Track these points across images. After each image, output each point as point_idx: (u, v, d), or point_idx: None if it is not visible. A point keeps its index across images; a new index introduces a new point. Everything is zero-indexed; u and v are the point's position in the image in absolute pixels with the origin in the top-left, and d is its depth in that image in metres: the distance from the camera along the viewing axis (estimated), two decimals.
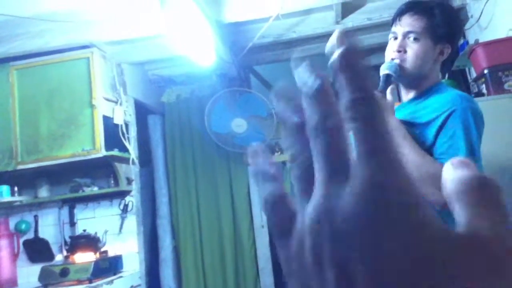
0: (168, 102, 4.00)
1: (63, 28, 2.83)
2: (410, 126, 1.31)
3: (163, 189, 3.90)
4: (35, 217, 3.20)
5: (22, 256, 3.16)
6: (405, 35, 1.40)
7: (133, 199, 3.20)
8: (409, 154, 1.23)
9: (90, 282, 2.67)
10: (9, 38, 2.88)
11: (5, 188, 2.98)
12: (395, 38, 1.43)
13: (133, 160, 3.16)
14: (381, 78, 1.39)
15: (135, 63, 3.50)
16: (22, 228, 3.17)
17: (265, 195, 0.27)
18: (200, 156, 3.88)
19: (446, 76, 2.73)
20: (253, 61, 3.88)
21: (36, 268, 2.91)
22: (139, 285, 3.04)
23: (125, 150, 3.11)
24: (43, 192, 3.15)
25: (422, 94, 1.41)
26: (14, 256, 3.09)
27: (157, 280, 3.73)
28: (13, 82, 3.04)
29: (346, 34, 0.28)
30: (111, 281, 2.75)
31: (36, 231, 3.19)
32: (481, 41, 2.54)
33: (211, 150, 3.83)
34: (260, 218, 3.90)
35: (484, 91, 2.56)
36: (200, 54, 2.89)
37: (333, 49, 1.00)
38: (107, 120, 2.98)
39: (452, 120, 1.28)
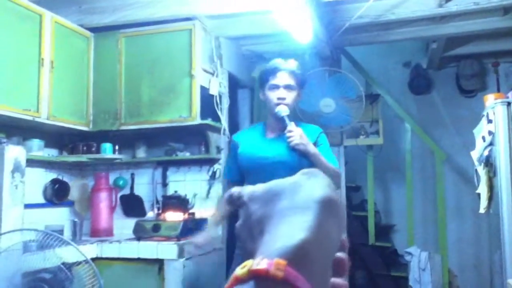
0: (258, 77, 4.09)
1: (170, 0, 2.99)
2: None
3: None
4: (132, 175, 3.47)
5: (118, 210, 3.45)
6: (285, 87, 2.20)
7: (220, 167, 3.35)
8: (325, 160, 2.13)
9: (178, 240, 2.86)
10: (122, 7, 3.10)
11: (109, 146, 3.26)
12: (277, 88, 2.19)
13: (224, 130, 3.30)
14: (285, 118, 2.14)
15: (231, 38, 3.62)
16: (120, 184, 3.45)
17: None
18: None
19: None
20: (347, 42, 3.84)
21: (129, 222, 3.18)
22: (221, 248, 3.21)
23: (217, 120, 3.26)
24: (140, 153, 3.40)
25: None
26: (112, 209, 3.38)
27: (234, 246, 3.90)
28: (121, 49, 3.27)
29: None
30: None
31: (132, 188, 3.45)
32: None
33: None
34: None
35: None
36: (298, 32, 2.92)
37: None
38: (203, 91, 3.13)
39: (322, 139, 2.25)
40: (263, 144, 2.22)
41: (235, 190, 0.44)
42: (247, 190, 0.42)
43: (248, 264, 0.32)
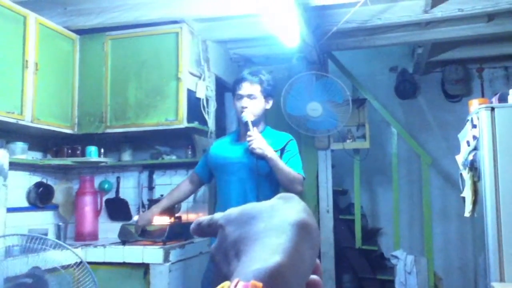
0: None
1: (158, 3, 2.98)
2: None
3: None
4: (118, 178, 3.44)
5: (103, 214, 3.41)
6: (248, 96, 2.38)
7: None
8: (283, 165, 2.34)
9: (164, 244, 2.84)
10: (109, 9, 3.08)
11: (94, 149, 3.22)
12: (241, 98, 2.38)
13: (210, 133, 3.29)
14: (248, 123, 2.31)
15: (218, 41, 3.61)
16: (105, 187, 3.42)
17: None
18: None
19: None
20: (333, 46, 3.87)
21: (115, 226, 3.15)
22: (207, 252, 3.19)
23: (204, 123, 3.25)
24: (126, 156, 3.37)
25: (261, 133, 2.40)
26: (97, 213, 3.34)
27: None
28: (108, 51, 3.24)
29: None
30: (183, 246, 2.92)
31: (117, 191, 3.42)
32: None
33: (283, 131, 3.88)
34: (326, 203, 3.94)
35: None
36: (285, 36, 2.93)
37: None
38: (190, 94, 3.12)
39: (289, 147, 2.43)
40: (230, 147, 2.49)
41: (203, 218, 0.44)
42: (220, 214, 0.42)
43: (225, 286, 0.33)
